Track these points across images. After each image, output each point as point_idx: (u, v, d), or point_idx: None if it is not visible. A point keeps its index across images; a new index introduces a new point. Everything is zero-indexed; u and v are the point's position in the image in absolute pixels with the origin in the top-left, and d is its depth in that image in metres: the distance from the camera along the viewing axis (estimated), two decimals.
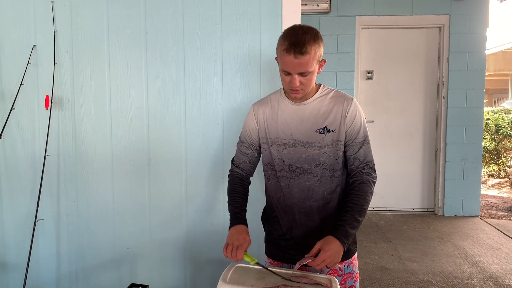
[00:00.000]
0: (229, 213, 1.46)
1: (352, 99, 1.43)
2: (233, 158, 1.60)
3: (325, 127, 1.40)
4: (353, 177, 1.42)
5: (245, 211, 1.47)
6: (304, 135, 1.41)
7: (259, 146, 1.52)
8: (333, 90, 1.46)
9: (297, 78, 1.32)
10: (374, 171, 1.42)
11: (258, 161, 1.58)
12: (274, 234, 1.54)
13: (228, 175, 1.59)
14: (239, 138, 1.56)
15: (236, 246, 1.30)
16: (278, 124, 1.45)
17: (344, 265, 1.46)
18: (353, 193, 1.39)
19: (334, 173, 1.43)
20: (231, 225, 1.41)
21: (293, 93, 1.39)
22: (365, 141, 1.41)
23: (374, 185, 1.41)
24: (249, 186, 1.57)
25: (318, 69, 1.36)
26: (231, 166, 1.59)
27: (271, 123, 1.47)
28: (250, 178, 1.59)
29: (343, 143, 1.41)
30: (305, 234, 1.45)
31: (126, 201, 2.02)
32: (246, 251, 1.31)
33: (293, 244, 1.48)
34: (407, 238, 3.70)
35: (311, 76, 1.33)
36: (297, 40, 1.27)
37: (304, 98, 1.42)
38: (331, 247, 1.26)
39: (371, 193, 1.39)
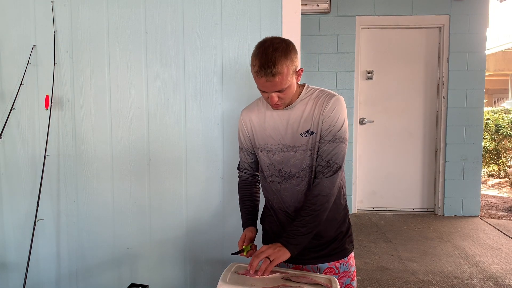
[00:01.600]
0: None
1: (334, 96, 1.37)
2: (238, 164, 1.63)
3: (309, 129, 1.38)
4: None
5: (255, 212, 1.56)
6: (291, 139, 1.40)
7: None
8: (318, 89, 1.42)
9: (275, 95, 1.32)
10: (335, 172, 1.34)
11: None
12: (270, 233, 1.56)
13: (238, 177, 1.64)
14: (239, 146, 1.58)
15: (242, 239, 1.47)
16: (266, 130, 1.45)
17: (341, 264, 1.47)
18: (307, 197, 1.38)
19: None
20: (243, 228, 1.52)
21: (274, 107, 1.39)
22: (334, 140, 1.34)
23: (333, 185, 1.34)
24: None
25: (297, 78, 1.34)
26: (238, 171, 1.63)
27: (259, 130, 1.47)
28: (259, 177, 1.61)
29: None
30: None
31: (126, 201, 2.02)
32: (247, 243, 1.45)
33: None
34: (407, 238, 3.69)
35: (288, 90, 1.32)
36: (267, 60, 1.24)
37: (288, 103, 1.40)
38: (273, 243, 1.33)
39: (324, 195, 1.34)
